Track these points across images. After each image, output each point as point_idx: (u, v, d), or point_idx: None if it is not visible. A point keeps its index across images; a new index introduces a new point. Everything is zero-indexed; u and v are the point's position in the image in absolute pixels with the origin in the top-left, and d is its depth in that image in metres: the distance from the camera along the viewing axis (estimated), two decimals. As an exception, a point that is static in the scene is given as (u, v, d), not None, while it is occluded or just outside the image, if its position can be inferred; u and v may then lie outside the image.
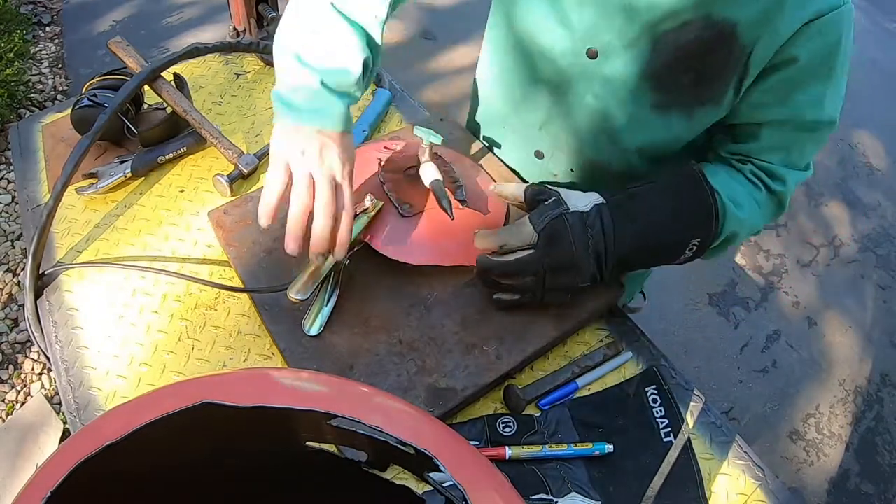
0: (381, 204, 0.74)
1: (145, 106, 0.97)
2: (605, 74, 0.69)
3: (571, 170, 0.84)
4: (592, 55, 0.68)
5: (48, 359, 0.74)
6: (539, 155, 0.85)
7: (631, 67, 0.67)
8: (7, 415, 1.50)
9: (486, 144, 0.93)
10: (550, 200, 0.67)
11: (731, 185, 0.70)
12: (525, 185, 0.73)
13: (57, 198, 0.76)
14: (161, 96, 0.95)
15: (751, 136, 0.71)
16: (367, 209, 0.73)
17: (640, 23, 0.63)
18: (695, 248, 0.68)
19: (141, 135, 0.88)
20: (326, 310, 0.70)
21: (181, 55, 0.89)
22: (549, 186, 0.71)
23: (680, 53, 0.64)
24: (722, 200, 0.67)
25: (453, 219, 0.71)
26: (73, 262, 0.79)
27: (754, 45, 0.61)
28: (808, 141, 0.70)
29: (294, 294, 0.66)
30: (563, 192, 0.69)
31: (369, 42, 0.65)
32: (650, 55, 0.65)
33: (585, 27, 0.67)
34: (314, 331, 0.68)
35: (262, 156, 0.92)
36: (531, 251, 0.65)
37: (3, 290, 1.75)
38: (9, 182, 2.02)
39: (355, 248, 0.72)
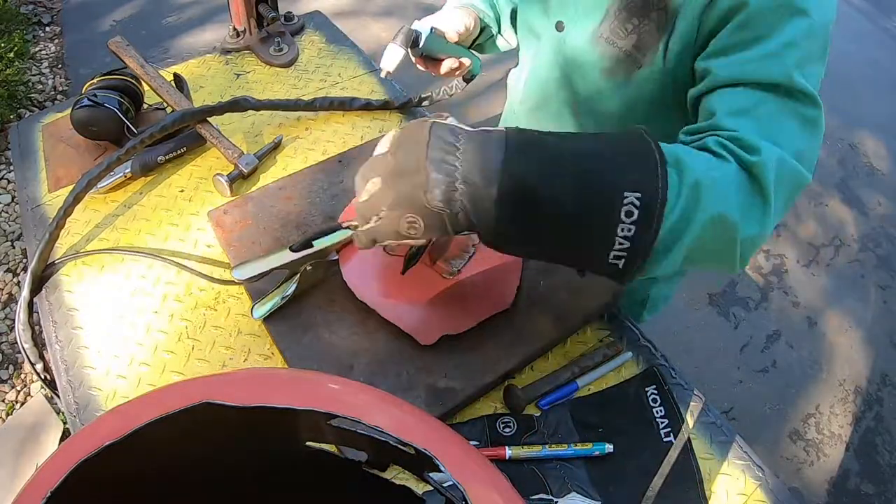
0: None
1: (145, 106, 0.97)
2: (568, 43, 0.74)
3: None
4: (560, 27, 0.75)
5: (31, 363, 0.74)
6: None
7: (587, 33, 0.71)
8: (7, 415, 1.50)
9: None
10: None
11: (675, 148, 0.52)
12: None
13: (69, 208, 0.78)
14: (161, 96, 0.95)
15: (707, 108, 0.60)
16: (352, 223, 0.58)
17: None
18: (635, 206, 0.44)
19: (141, 135, 0.89)
20: (277, 300, 0.70)
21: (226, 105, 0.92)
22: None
23: (623, 14, 0.67)
24: (662, 149, 0.48)
25: (402, 273, 0.65)
26: (70, 254, 0.79)
27: (685, 2, 0.61)
28: (776, 106, 0.57)
29: (236, 273, 0.67)
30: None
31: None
32: (602, 19, 0.69)
33: (556, 1, 0.74)
34: (257, 314, 0.69)
35: (262, 156, 0.92)
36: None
37: (2, 290, 1.75)
38: (9, 182, 2.02)
39: (326, 258, 0.70)
